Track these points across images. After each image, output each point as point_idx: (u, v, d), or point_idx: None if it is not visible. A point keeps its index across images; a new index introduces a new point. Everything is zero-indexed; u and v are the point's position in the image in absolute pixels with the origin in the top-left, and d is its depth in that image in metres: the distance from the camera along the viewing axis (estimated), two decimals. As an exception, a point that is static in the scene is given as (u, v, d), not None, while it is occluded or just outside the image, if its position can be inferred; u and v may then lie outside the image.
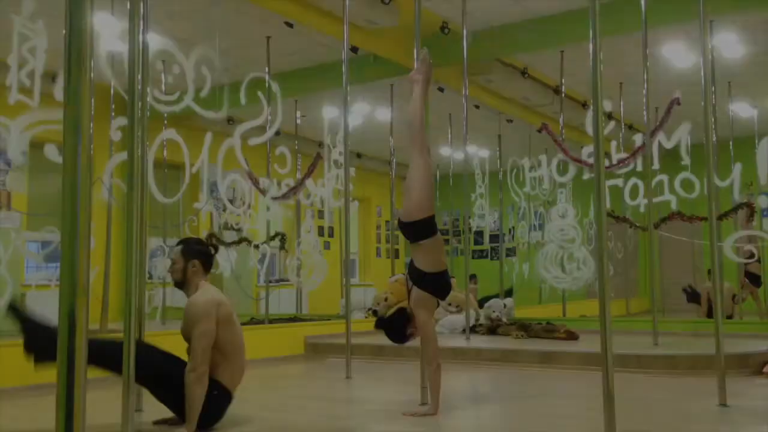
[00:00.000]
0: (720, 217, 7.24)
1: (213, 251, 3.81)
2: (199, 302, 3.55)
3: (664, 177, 7.15)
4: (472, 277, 12.28)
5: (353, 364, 5.79)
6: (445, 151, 13.06)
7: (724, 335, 4.18)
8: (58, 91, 4.92)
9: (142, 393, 3.96)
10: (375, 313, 9.28)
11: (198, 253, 3.70)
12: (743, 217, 8.09)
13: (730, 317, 9.46)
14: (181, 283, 3.69)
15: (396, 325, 4.08)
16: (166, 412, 3.76)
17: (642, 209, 7.64)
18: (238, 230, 9.07)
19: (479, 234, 14.95)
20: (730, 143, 10.92)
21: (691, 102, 10.52)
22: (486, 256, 15.21)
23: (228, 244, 9.03)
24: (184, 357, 3.61)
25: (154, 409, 3.83)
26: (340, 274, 9.90)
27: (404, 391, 4.86)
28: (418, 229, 3.98)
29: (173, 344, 3.76)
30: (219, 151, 6.22)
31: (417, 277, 4.03)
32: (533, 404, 4.48)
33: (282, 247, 9.33)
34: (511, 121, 11.97)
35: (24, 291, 9.27)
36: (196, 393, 3.41)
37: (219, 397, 3.60)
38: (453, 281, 9.23)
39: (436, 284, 4.04)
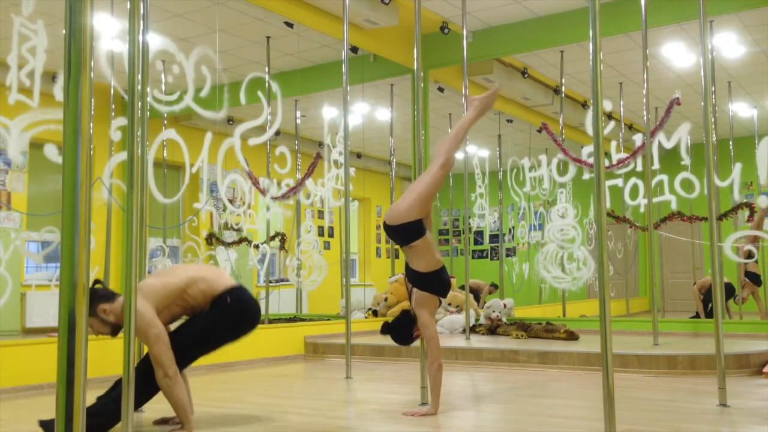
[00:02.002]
0: (720, 217, 7.24)
1: (96, 284, 3.54)
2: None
3: (664, 177, 7.14)
4: (495, 286, 11.98)
5: (353, 364, 5.79)
6: (445, 151, 13.03)
7: (724, 335, 4.17)
8: (58, 91, 4.92)
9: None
10: (375, 313, 9.28)
11: (95, 300, 3.40)
12: (746, 217, 8.11)
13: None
14: (115, 330, 3.47)
15: (401, 326, 4.09)
16: (166, 413, 3.76)
17: (642, 209, 7.63)
18: (238, 230, 9.07)
19: (479, 234, 14.96)
20: (730, 143, 10.94)
21: (691, 102, 10.59)
22: (486, 256, 15.21)
23: (228, 244, 9.03)
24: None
25: (155, 408, 3.83)
26: (340, 274, 9.89)
27: (404, 391, 4.86)
28: (407, 232, 3.95)
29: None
30: (219, 151, 6.21)
31: (415, 279, 4.04)
32: (533, 404, 4.48)
33: (282, 247, 9.33)
34: (511, 121, 11.97)
35: (24, 291, 9.30)
36: (177, 394, 3.41)
37: (233, 304, 3.62)
38: (453, 281, 9.23)
39: (436, 283, 4.03)
